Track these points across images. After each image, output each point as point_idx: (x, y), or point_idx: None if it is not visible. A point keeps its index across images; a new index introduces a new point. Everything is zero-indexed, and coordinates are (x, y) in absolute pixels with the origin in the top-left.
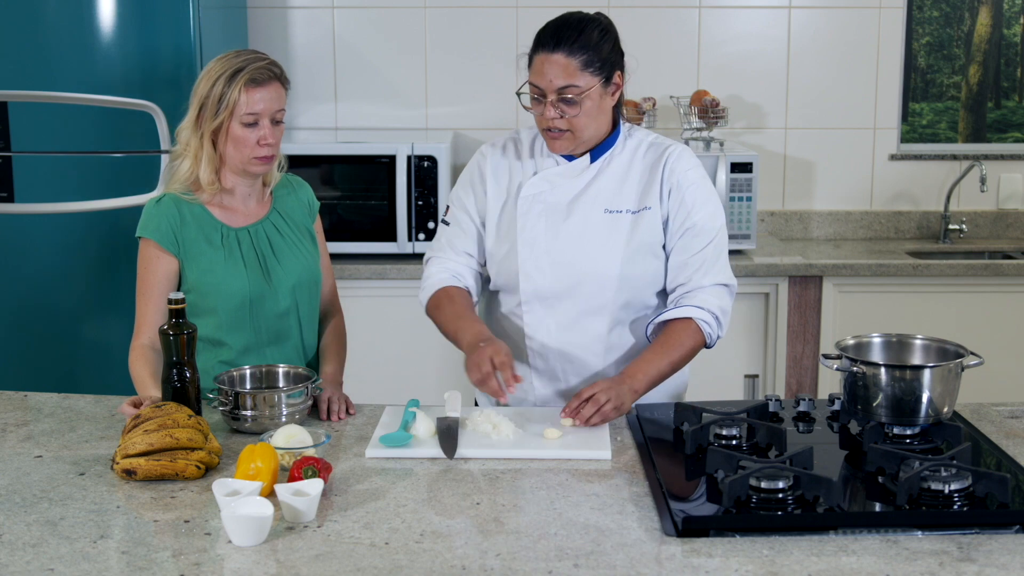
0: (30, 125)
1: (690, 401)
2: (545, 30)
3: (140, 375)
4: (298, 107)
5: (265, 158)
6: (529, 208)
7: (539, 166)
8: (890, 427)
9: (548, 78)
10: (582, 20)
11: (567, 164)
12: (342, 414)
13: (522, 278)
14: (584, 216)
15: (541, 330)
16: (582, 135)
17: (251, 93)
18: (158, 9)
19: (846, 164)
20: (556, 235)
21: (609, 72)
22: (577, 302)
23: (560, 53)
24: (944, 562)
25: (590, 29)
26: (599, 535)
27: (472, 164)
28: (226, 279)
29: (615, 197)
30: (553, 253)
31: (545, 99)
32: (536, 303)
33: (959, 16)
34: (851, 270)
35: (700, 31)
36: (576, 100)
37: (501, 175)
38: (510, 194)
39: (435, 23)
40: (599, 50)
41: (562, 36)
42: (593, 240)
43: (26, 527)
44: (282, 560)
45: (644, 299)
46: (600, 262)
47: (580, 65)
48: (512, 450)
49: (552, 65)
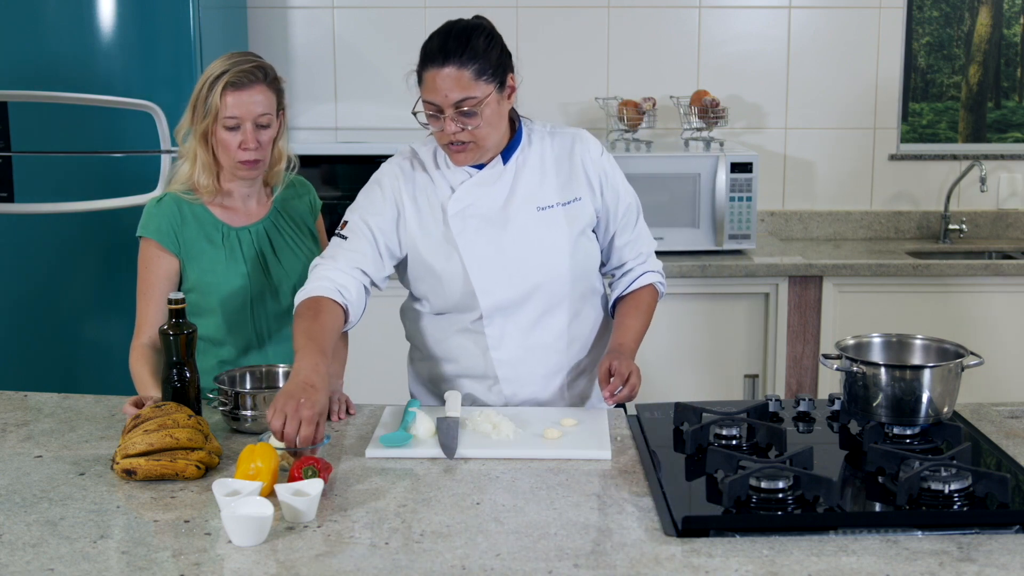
0: (30, 125)
1: (690, 401)
2: (430, 45)
3: (141, 375)
4: (298, 107)
5: (248, 162)
6: (464, 226)
7: (451, 180)
8: (890, 427)
9: (443, 93)
10: (466, 29)
11: (481, 172)
12: (342, 414)
13: (480, 295)
14: (520, 219)
15: (505, 339)
16: (486, 144)
17: (229, 97)
18: (158, 9)
19: (846, 164)
20: (500, 245)
21: (502, 77)
22: (537, 304)
23: (451, 66)
24: (944, 562)
25: (476, 37)
26: (599, 535)
27: (375, 184)
28: (227, 279)
29: (540, 193)
30: (504, 264)
31: (443, 115)
32: (497, 315)
33: (959, 16)
34: (851, 270)
35: (700, 31)
36: (475, 111)
37: (417, 195)
38: (432, 215)
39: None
40: (488, 57)
41: (449, 49)
42: (536, 241)
43: (26, 527)
44: (282, 560)
45: (591, 284)
46: (550, 261)
47: (473, 75)
48: (512, 450)
49: (444, 80)
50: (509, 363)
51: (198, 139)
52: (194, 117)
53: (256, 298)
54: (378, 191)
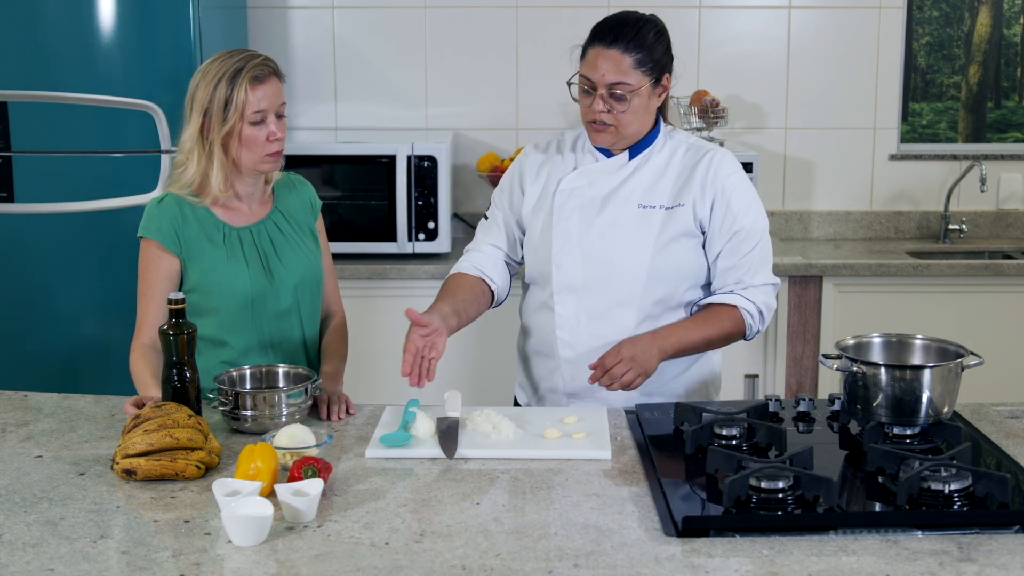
0: (30, 125)
1: (690, 401)
2: (603, 24)
3: (141, 375)
4: (298, 107)
5: (275, 154)
6: (565, 202)
7: (579, 162)
8: (890, 427)
9: (601, 72)
10: (640, 19)
11: (606, 160)
12: (342, 414)
13: (554, 269)
14: (617, 210)
15: (571, 320)
16: (626, 131)
17: (256, 91)
18: (158, 9)
19: (846, 164)
20: (589, 228)
21: (659, 74)
22: (607, 294)
23: (616, 49)
24: (944, 562)
25: (647, 29)
26: (599, 535)
27: (515, 163)
28: (228, 279)
29: (649, 193)
30: (585, 245)
31: (595, 92)
32: (567, 294)
33: (959, 16)
34: (851, 270)
35: (700, 31)
36: (625, 97)
37: (540, 172)
38: (548, 190)
39: (435, 23)
40: (653, 51)
41: (620, 32)
42: (624, 233)
43: (26, 527)
44: (282, 560)
45: (677, 294)
46: (630, 255)
47: (633, 63)
48: (512, 450)
49: (606, 60)
50: (571, 346)
51: (216, 143)
52: (207, 121)
53: (257, 298)
54: (511, 168)
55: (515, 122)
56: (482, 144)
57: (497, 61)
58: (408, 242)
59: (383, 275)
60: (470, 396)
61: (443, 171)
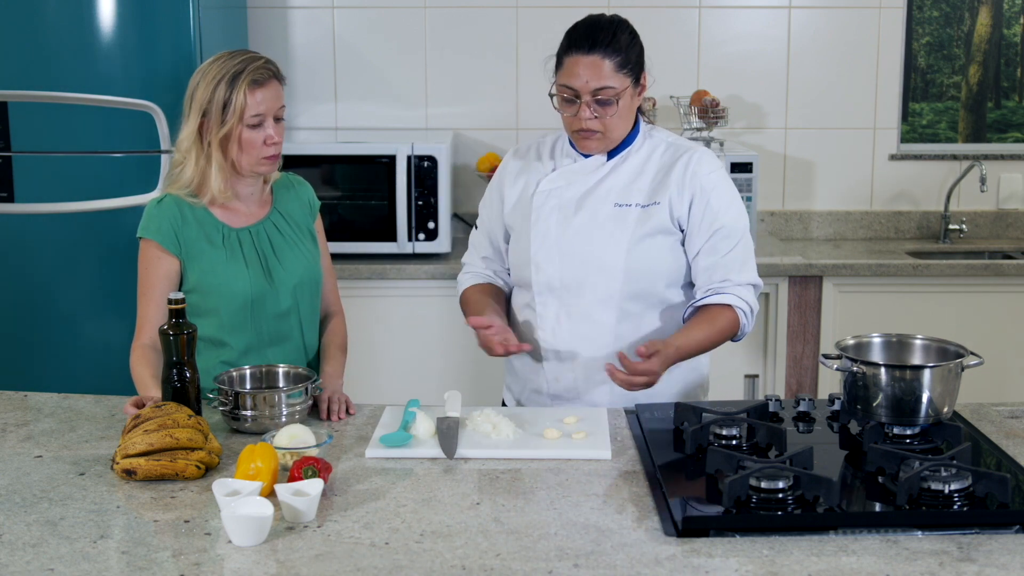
0: (30, 125)
1: (690, 401)
2: (577, 32)
3: (141, 375)
4: (298, 107)
5: (273, 157)
6: (543, 203)
7: (558, 165)
8: (890, 427)
9: (584, 79)
10: (612, 22)
11: (583, 161)
12: (342, 414)
13: (533, 269)
14: (594, 210)
15: (551, 321)
16: (613, 135)
17: (255, 94)
18: (158, 9)
19: (846, 164)
20: (566, 228)
21: (638, 73)
22: (586, 293)
23: (595, 55)
24: (944, 562)
25: (621, 31)
26: (599, 535)
27: (496, 172)
28: (227, 279)
29: (626, 192)
30: (562, 245)
31: (579, 100)
32: (548, 295)
33: (959, 16)
34: (851, 270)
35: (700, 31)
36: (611, 101)
37: (519, 177)
38: (526, 192)
39: (435, 23)
40: (630, 52)
41: (596, 38)
42: (600, 232)
43: (26, 527)
44: (282, 560)
45: (655, 291)
46: (606, 253)
47: (614, 66)
48: (512, 450)
49: (587, 67)
50: (553, 346)
51: (214, 144)
52: (206, 122)
53: (257, 298)
54: (492, 181)
55: (515, 122)
56: (482, 144)
57: (497, 61)
58: (408, 242)
59: (383, 275)
60: (468, 397)
61: (443, 171)
